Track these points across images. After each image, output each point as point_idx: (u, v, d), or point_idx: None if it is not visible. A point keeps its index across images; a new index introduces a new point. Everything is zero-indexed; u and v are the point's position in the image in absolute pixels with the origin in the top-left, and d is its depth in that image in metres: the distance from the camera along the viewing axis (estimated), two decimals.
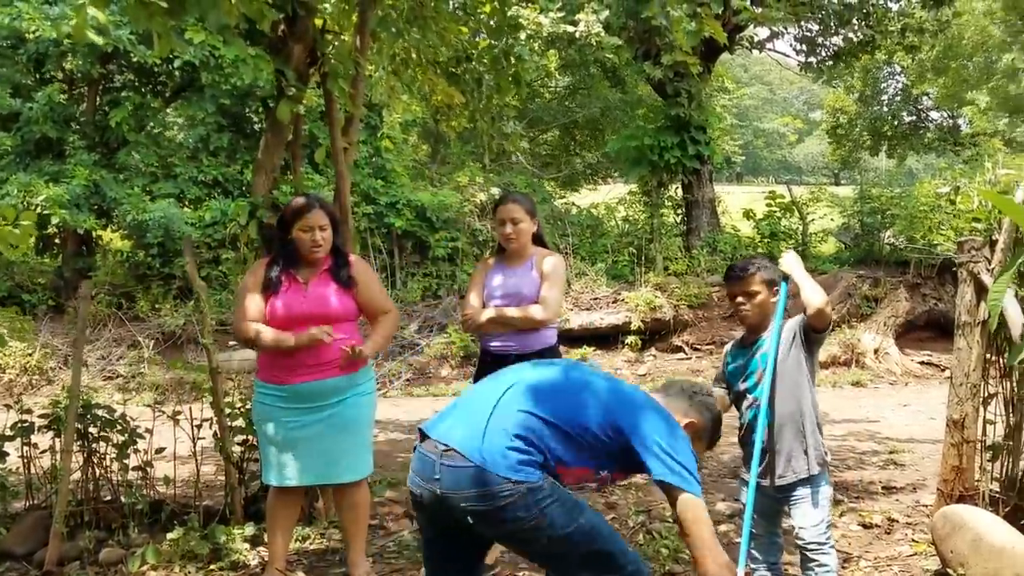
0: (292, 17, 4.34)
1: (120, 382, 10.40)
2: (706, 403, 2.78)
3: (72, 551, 4.10)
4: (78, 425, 4.28)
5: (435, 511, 2.43)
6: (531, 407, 2.42)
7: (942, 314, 11.38)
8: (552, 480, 2.37)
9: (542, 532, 2.33)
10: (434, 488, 2.37)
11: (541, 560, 2.52)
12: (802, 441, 3.13)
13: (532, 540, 2.37)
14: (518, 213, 3.87)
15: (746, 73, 53.89)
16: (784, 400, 3.12)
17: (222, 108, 12.66)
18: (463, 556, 2.59)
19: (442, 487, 2.35)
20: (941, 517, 3.64)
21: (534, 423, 2.39)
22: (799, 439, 3.13)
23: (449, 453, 2.36)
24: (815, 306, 3.03)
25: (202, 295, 4.61)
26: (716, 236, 14.51)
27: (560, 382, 2.56)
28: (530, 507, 2.30)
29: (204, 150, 12.96)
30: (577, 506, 2.40)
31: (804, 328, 3.14)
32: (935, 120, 26.81)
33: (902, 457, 6.27)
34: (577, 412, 2.45)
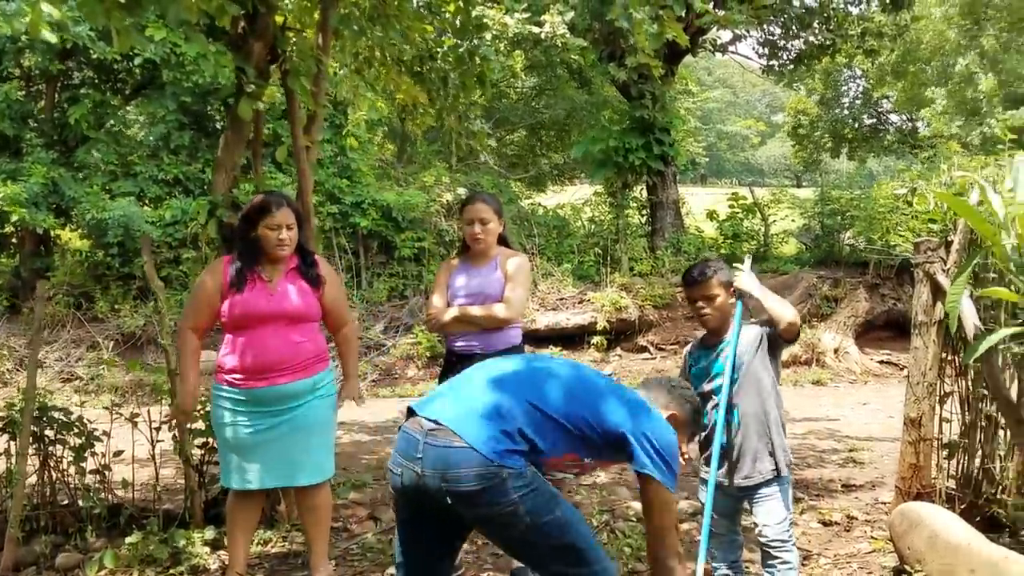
0: (252, 14, 4.29)
1: (79, 384, 10.22)
2: (685, 395, 2.82)
3: (28, 556, 4.02)
4: (34, 428, 4.19)
5: (413, 492, 2.43)
6: (529, 396, 2.46)
7: (901, 314, 11.57)
8: (535, 470, 2.40)
9: (518, 519, 2.34)
10: (415, 467, 2.37)
11: (514, 546, 2.53)
12: (768, 442, 3.16)
13: (507, 526, 2.38)
14: (486, 213, 3.86)
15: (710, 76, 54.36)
16: (750, 402, 3.15)
17: (183, 106, 12.48)
18: (436, 542, 2.59)
19: (423, 466, 2.36)
20: (899, 514, 3.70)
21: (530, 412, 2.42)
22: (764, 440, 3.16)
23: (435, 432, 2.37)
24: (787, 321, 3.10)
25: (160, 295, 4.54)
26: (680, 237, 14.62)
27: (557, 375, 2.58)
28: (508, 492, 2.31)
29: (165, 148, 12.76)
30: (555, 499, 2.42)
31: (771, 337, 3.18)
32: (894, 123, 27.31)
33: (861, 455, 6.36)
34: (573, 405, 2.48)
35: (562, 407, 2.47)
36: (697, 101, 29.29)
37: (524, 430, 2.39)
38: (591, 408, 2.50)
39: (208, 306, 3.56)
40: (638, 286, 12.65)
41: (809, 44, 16.61)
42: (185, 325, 3.60)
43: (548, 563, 2.46)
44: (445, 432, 2.36)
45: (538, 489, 2.38)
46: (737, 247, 14.38)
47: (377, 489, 5.41)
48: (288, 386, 3.51)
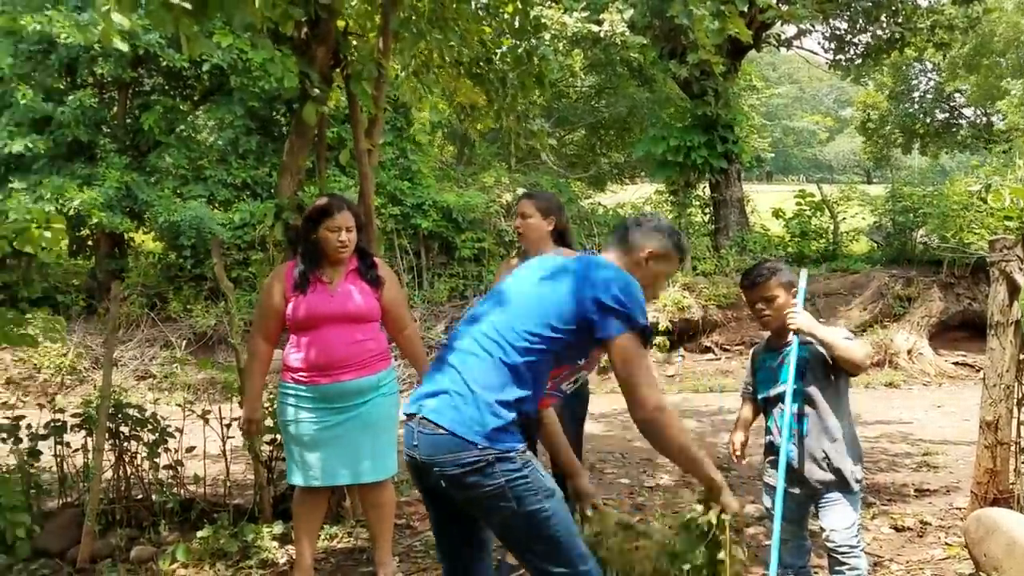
0: (315, 20, 4.37)
1: (153, 382, 10.54)
2: (656, 226, 2.69)
3: (104, 549, 4.16)
4: (110, 424, 4.34)
5: (419, 478, 2.47)
6: (494, 353, 2.39)
7: (976, 314, 11.19)
8: (528, 457, 2.36)
9: (505, 503, 2.31)
10: (415, 455, 2.40)
11: (498, 532, 2.46)
12: (837, 449, 3.08)
13: (493, 509, 2.35)
14: (528, 208, 3.89)
15: (775, 72, 53.42)
16: (817, 411, 3.07)
17: (251, 111, 12.78)
18: (457, 525, 2.57)
19: (420, 453, 2.38)
20: (975, 520, 3.58)
21: (499, 370, 2.37)
22: (835, 448, 3.08)
23: (423, 420, 2.37)
24: (855, 364, 3.01)
25: (230, 296, 4.65)
26: (745, 235, 14.40)
27: (504, 312, 2.49)
28: (496, 475, 2.29)
29: (233, 153, 13.09)
30: (546, 492, 2.36)
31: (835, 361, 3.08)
32: (968, 117, 26.45)
33: (935, 459, 6.17)
34: (529, 329, 2.40)
35: (522, 345, 2.39)
36: (762, 97, 28.85)
37: (500, 398, 2.34)
38: (543, 319, 2.41)
39: (275, 312, 3.65)
40: (701, 285, 12.49)
41: (877, 38, 16.18)
42: (255, 334, 3.71)
43: (529, 554, 2.41)
44: (428, 422, 2.36)
45: (528, 477, 2.33)
46: (805, 245, 14.10)
47: None
48: (352, 383, 3.57)
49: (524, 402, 2.39)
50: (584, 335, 2.43)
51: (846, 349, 2.98)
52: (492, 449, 2.30)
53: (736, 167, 14.63)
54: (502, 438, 2.32)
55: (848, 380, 3.16)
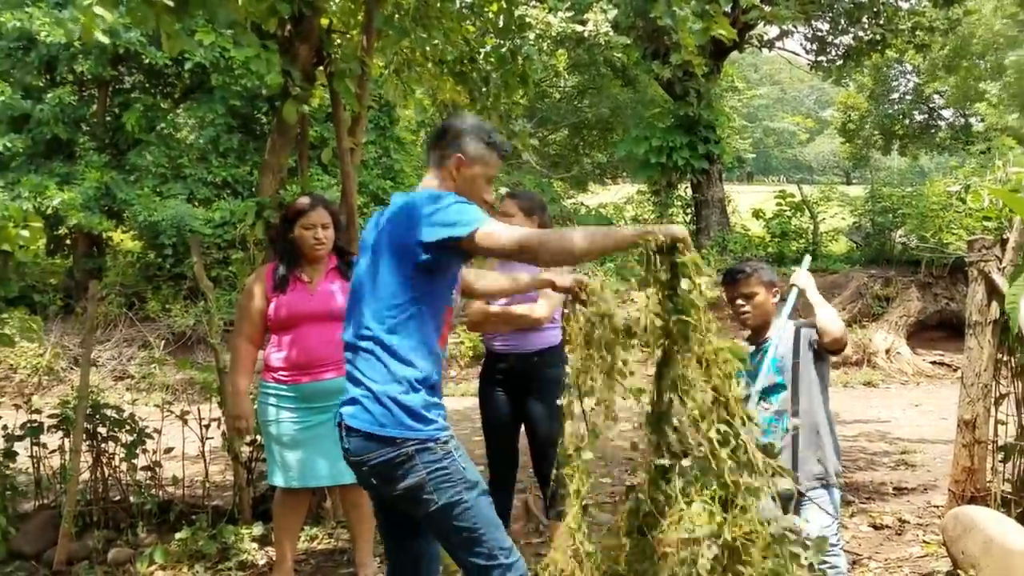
0: (298, 17, 4.34)
1: (131, 382, 10.45)
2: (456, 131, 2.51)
3: (81, 551, 4.11)
4: (87, 425, 4.29)
5: (359, 479, 2.47)
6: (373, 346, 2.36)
7: (954, 314, 11.31)
8: (448, 449, 2.33)
9: (427, 495, 2.30)
10: (349, 458, 2.41)
11: (425, 524, 2.44)
12: (816, 448, 3.10)
13: (418, 502, 2.33)
14: (510, 208, 3.88)
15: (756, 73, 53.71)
16: (801, 408, 3.09)
17: (232, 109, 12.70)
18: (399, 524, 2.57)
19: (352, 456, 2.39)
20: (952, 518, 3.61)
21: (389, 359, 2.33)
22: (814, 444, 3.10)
23: (346, 427, 2.38)
24: (833, 335, 3.02)
25: (210, 295, 4.62)
26: (726, 235, 14.47)
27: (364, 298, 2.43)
28: (417, 468, 2.29)
29: (214, 151, 13.01)
30: (466, 483, 2.34)
31: (813, 343, 3.12)
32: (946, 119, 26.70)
33: (913, 458, 6.22)
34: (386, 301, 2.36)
35: (390, 325, 2.34)
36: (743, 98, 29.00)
37: (400, 385, 2.31)
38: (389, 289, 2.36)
39: (257, 314, 3.64)
40: None
41: (858, 39, 16.32)
42: (238, 336, 3.69)
43: (452, 546, 2.40)
44: (350, 428, 2.37)
45: (448, 468, 2.32)
46: (785, 246, 14.20)
47: None
48: (333, 382, 3.54)
49: (423, 376, 2.36)
50: (432, 274, 2.36)
51: (828, 319, 3.02)
52: (412, 439, 2.29)
53: (717, 168, 14.71)
54: (418, 425, 2.31)
55: (828, 378, 3.19)
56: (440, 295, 2.44)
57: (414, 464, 2.30)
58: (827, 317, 3.04)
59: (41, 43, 11.50)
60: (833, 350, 3.11)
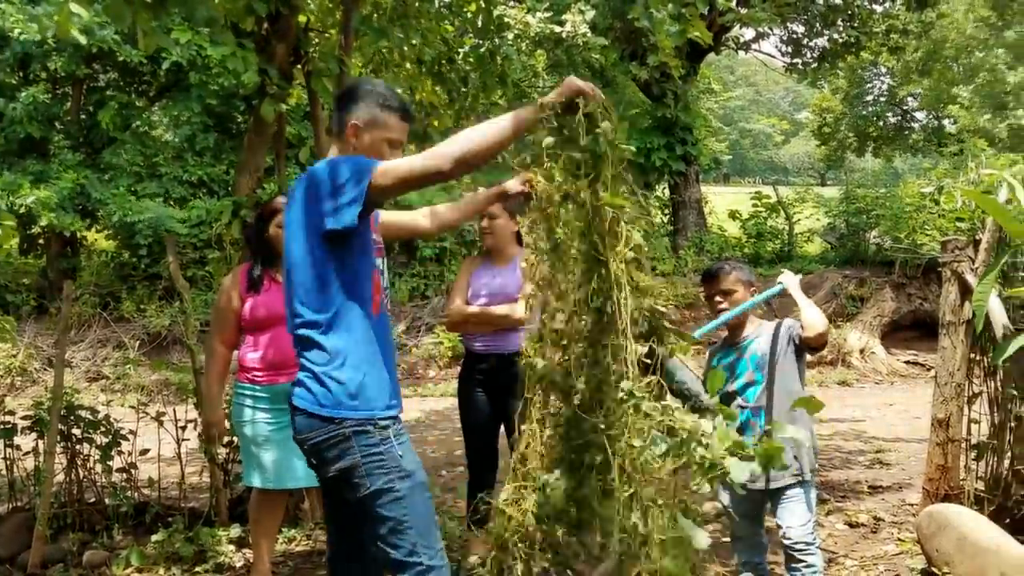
0: (275, 15, 4.32)
1: (105, 383, 10.34)
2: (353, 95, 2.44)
3: (56, 553, 4.07)
4: (61, 427, 4.24)
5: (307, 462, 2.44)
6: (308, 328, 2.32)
7: (927, 314, 11.44)
8: (387, 434, 2.28)
9: (359, 479, 2.26)
10: (295, 437, 2.38)
11: (356, 510, 2.37)
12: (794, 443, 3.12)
13: (350, 485, 2.29)
14: (495, 209, 3.87)
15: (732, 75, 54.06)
16: (779, 403, 3.11)
17: (208, 108, 12.60)
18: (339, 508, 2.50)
19: (298, 436, 2.36)
20: (926, 516, 3.65)
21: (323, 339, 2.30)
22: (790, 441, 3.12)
23: (294, 408, 2.36)
24: (818, 331, 3.07)
25: (186, 295, 4.58)
26: (703, 236, 14.56)
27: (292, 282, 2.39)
28: (352, 450, 2.25)
29: (190, 150, 12.90)
30: (400, 471, 2.27)
31: (796, 337, 3.15)
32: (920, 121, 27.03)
33: (888, 456, 6.29)
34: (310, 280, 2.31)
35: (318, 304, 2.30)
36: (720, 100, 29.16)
37: (336, 363, 2.27)
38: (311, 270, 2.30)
39: (232, 314, 3.62)
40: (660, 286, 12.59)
41: (833, 42, 16.48)
42: (213, 336, 3.67)
43: (378, 537, 2.30)
44: (297, 408, 2.34)
45: (384, 454, 2.26)
46: (761, 246, 14.30)
47: None
48: None
49: (358, 350, 2.29)
50: (345, 242, 2.28)
51: (813, 316, 3.07)
52: (350, 419, 2.25)
53: (695, 169, 14.80)
54: (357, 404, 2.27)
55: (804, 375, 3.22)
56: (360, 262, 2.34)
57: (350, 446, 2.25)
58: (812, 314, 3.09)
59: (14, 40, 11.35)
60: (815, 346, 3.14)
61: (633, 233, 2.09)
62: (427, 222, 2.94)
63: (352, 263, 2.31)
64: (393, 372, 2.41)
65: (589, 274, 2.09)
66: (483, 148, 2.16)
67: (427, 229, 2.98)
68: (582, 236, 2.09)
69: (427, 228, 2.97)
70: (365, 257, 2.36)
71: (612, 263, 2.05)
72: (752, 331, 3.22)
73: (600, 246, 2.06)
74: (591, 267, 2.08)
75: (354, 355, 2.29)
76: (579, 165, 2.09)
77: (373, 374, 2.31)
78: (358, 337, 2.31)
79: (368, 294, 2.35)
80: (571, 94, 2.09)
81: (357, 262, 2.33)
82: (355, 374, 2.28)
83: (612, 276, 2.05)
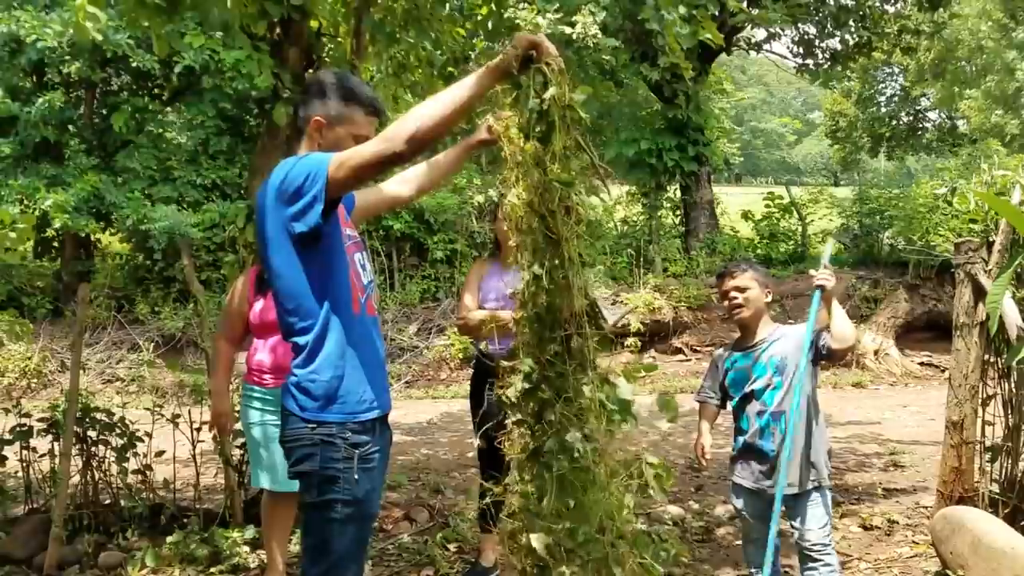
0: (288, 20, 4.34)
1: (120, 385, 10.40)
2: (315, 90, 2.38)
3: (71, 555, 4.10)
4: (77, 429, 4.27)
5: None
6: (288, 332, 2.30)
7: (941, 315, 11.38)
8: (353, 452, 2.22)
9: (311, 486, 2.24)
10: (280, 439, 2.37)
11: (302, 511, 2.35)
12: (811, 451, 3.11)
13: (303, 488, 2.28)
14: None
15: (744, 74, 53.96)
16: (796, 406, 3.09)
17: (222, 112, 12.67)
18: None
19: (281, 436, 2.35)
20: (941, 518, 3.64)
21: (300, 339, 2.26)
22: (808, 448, 3.11)
23: (283, 408, 2.35)
24: (848, 344, 3.09)
25: (200, 298, 4.61)
26: (715, 237, 14.53)
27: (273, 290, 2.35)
28: (313, 457, 2.22)
29: (204, 153, 12.98)
30: (348, 497, 2.21)
31: (824, 347, 3.12)
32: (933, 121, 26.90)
33: (902, 458, 6.26)
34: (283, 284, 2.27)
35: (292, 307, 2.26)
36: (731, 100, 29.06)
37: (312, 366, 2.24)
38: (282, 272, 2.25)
39: (239, 315, 3.66)
40: (672, 287, 12.58)
41: (845, 43, 16.41)
42: (219, 334, 3.71)
43: (306, 548, 2.29)
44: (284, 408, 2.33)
45: (339, 474, 2.20)
46: (774, 247, 14.26)
47: (412, 490, 5.44)
48: None
49: (335, 354, 2.23)
50: (315, 243, 2.21)
51: (847, 326, 3.08)
52: (327, 423, 2.21)
53: (706, 170, 14.77)
54: (333, 408, 2.22)
55: (817, 380, 3.20)
56: (334, 261, 2.27)
57: (313, 453, 2.22)
58: (844, 326, 3.08)
59: (29, 47, 11.45)
60: (839, 356, 3.15)
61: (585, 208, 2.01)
62: (404, 189, 2.78)
63: (326, 263, 2.25)
64: (379, 370, 2.36)
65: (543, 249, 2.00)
66: (438, 120, 2.04)
67: (406, 196, 2.83)
68: (531, 208, 1.99)
69: (405, 195, 2.82)
70: (338, 256, 2.29)
71: (564, 242, 1.97)
72: (768, 333, 3.20)
73: (550, 221, 1.97)
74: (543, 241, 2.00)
75: (332, 356, 2.24)
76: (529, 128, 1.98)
77: (353, 374, 2.26)
78: (336, 338, 2.25)
79: (346, 293, 2.29)
80: (524, 48, 1.97)
81: (331, 262, 2.26)
82: (331, 377, 2.23)
83: (564, 253, 1.97)
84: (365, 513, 2.27)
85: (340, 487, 2.21)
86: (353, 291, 2.30)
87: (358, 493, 2.23)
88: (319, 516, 2.24)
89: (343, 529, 2.23)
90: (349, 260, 2.32)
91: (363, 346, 2.31)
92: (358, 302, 2.31)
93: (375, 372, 2.33)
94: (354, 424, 2.24)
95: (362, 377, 2.28)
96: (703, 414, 3.38)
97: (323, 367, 2.23)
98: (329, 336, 2.25)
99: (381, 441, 2.33)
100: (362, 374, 2.28)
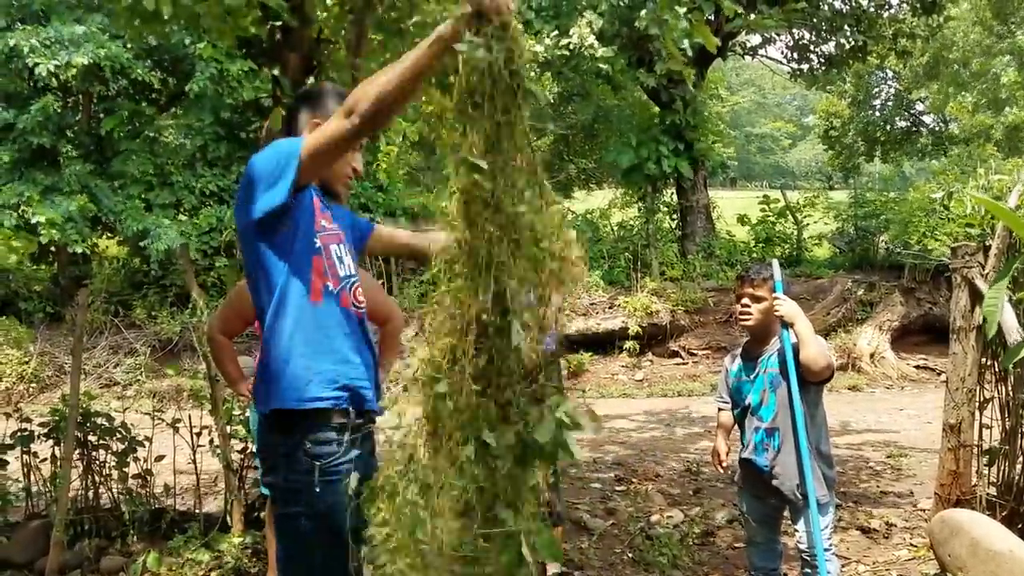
0: (287, 26, 4.36)
1: (117, 390, 10.39)
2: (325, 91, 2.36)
3: (73, 559, 4.10)
4: (78, 433, 4.28)
5: None
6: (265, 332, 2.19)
7: (937, 318, 11.43)
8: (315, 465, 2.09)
9: (279, 498, 2.18)
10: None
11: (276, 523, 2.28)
12: (813, 458, 3.10)
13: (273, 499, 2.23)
14: None
15: (738, 78, 54.06)
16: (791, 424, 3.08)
17: (220, 118, 12.66)
18: None
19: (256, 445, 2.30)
20: (939, 522, 3.66)
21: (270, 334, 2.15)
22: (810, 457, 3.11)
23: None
24: (818, 368, 2.96)
25: (200, 303, 4.62)
26: (712, 241, 14.57)
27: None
28: (277, 470, 2.15)
29: (202, 160, 12.96)
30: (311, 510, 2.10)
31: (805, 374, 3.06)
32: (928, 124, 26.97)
33: (900, 462, 6.29)
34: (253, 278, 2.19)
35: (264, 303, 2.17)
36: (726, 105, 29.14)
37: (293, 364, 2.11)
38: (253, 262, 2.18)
39: (236, 313, 3.63)
40: (669, 291, 12.62)
41: (839, 47, 16.47)
42: (212, 329, 3.68)
43: (279, 553, 2.20)
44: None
45: (301, 488, 2.10)
46: (769, 251, 14.31)
47: None
48: None
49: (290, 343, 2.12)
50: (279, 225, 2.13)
51: (815, 354, 2.95)
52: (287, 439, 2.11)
53: (703, 174, 14.81)
54: (279, 393, 2.11)
55: (821, 390, 3.16)
56: (297, 244, 2.16)
57: (277, 465, 2.13)
58: (813, 352, 2.95)
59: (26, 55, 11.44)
60: (817, 381, 3.05)
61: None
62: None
63: (287, 247, 2.15)
64: (346, 364, 2.19)
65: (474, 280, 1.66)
66: (393, 87, 1.92)
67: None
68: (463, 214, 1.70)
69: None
70: (303, 240, 2.18)
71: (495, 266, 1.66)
72: (771, 347, 3.15)
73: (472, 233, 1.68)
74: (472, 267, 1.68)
75: (281, 345, 2.12)
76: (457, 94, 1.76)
77: (300, 362, 2.11)
78: (286, 326, 2.13)
79: (306, 280, 2.17)
80: (475, 4, 1.77)
81: (292, 245, 2.16)
82: (280, 363, 2.11)
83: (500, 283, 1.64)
84: (335, 527, 2.08)
85: (302, 499, 2.10)
86: (317, 280, 2.19)
87: (319, 507, 2.09)
88: (285, 526, 2.17)
89: (308, 543, 2.14)
90: (323, 250, 2.23)
91: (325, 335, 2.18)
92: (319, 292, 2.19)
93: (344, 366, 2.19)
94: (315, 436, 2.11)
95: (313, 365, 2.13)
96: (719, 420, 3.39)
97: (273, 356, 2.13)
98: (283, 323, 2.13)
99: (353, 450, 2.15)
100: (316, 363, 2.13)
